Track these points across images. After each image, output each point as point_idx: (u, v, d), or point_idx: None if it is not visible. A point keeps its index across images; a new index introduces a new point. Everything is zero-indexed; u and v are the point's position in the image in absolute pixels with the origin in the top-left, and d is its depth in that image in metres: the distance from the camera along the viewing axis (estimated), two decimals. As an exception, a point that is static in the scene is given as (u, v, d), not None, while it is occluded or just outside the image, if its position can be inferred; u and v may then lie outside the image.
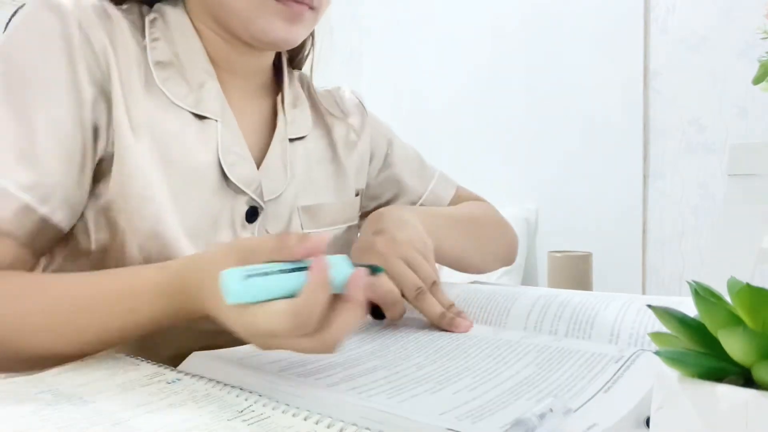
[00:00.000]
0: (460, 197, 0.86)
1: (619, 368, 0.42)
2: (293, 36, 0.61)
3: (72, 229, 0.58)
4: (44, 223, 0.53)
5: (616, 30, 1.95)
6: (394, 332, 0.55)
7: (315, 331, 0.39)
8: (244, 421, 0.35)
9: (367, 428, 0.34)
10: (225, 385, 0.42)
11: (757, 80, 1.13)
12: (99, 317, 0.49)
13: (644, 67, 1.90)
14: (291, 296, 0.39)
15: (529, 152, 2.12)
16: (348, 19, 2.69)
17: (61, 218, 0.54)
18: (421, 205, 0.81)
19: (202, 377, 0.44)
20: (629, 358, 0.44)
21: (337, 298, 0.40)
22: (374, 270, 0.47)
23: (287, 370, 0.45)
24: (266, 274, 0.39)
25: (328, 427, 0.34)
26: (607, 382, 0.41)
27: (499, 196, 2.13)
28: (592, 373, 0.42)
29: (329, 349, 0.40)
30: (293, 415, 0.36)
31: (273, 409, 0.37)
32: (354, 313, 0.40)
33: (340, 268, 0.41)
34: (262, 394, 0.40)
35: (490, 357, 0.47)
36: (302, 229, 0.68)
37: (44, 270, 0.61)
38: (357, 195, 0.77)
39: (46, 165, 0.52)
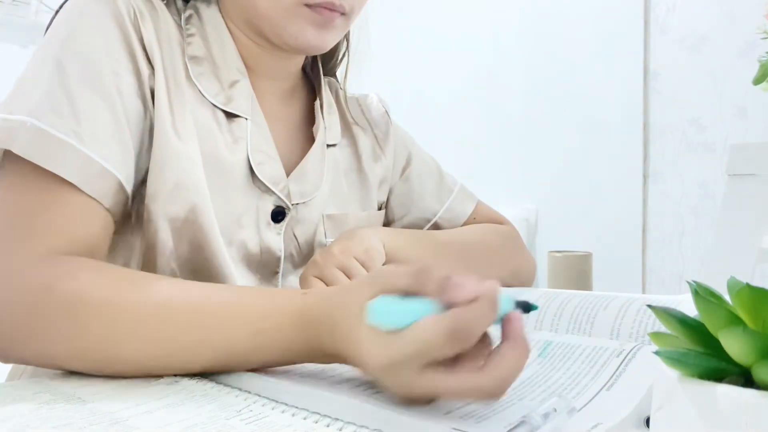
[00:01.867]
0: (480, 214, 0.83)
1: (621, 362, 0.42)
2: (323, 42, 0.61)
3: None
4: (126, 202, 0.54)
5: (616, 30, 1.94)
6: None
7: (476, 367, 0.35)
8: (242, 420, 0.35)
9: (365, 427, 0.34)
10: (224, 385, 0.42)
11: (757, 80, 1.13)
12: (216, 334, 0.43)
13: (644, 67, 1.90)
14: None
15: (528, 152, 2.12)
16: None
17: (131, 199, 0.55)
18: (436, 222, 0.80)
19: (201, 378, 0.44)
20: (630, 351, 0.44)
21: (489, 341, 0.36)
22: (528, 308, 0.41)
23: (291, 371, 0.45)
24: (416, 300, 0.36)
25: (327, 426, 0.34)
26: (610, 378, 0.41)
27: (499, 196, 2.13)
28: (594, 370, 0.42)
29: (499, 388, 0.35)
30: (292, 415, 0.36)
31: (272, 409, 0.37)
32: (523, 353, 0.36)
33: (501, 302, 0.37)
34: (264, 395, 0.40)
35: None
36: (325, 237, 0.67)
37: None
38: (380, 209, 0.77)
39: (128, 143, 0.53)
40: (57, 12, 0.57)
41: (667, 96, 1.87)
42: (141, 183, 0.56)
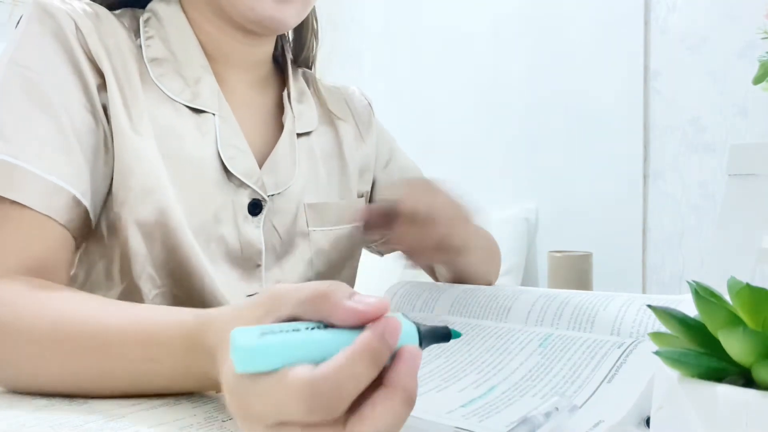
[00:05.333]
0: None
1: (622, 354, 0.42)
2: (283, 15, 0.61)
3: None
4: (86, 216, 0.54)
5: (616, 30, 1.94)
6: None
7: (338, 423, 0.27)
8: (241, 421, 0.35)
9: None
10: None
11: (757, 80, 1.13)
12: (106, 360, 0.40)
13: (644, 67, 1.90)
14: None
15: (529, 152, 2.12)
16: (348, 19, 2.68)
17: (93, 213, 0.55)
18: None
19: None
20: (631, 344, 0.43)
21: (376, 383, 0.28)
22: (451, 335, 0.34)
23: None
24: (288, 332, 0.28)
25: (326, 427, 0.34)
26: (611, 370, 0.40)
27: (499, 195, 2.13)
28: (594, 361, 0.42)
29: None
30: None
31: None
32: (395, 407, 0.28)
33: (404, 335, 0.30)
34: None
35: (494, 348, 0.47)
36: (308, 226, 0.68)
37: None
38: (361, 196, 0.76)
39: (79, 157, 0.53)
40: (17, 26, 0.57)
41: (667, 96, 1.87)
42: (108, 193, 0.56)
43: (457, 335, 0.33)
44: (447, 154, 2.27)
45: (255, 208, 0.63)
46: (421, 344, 0.31)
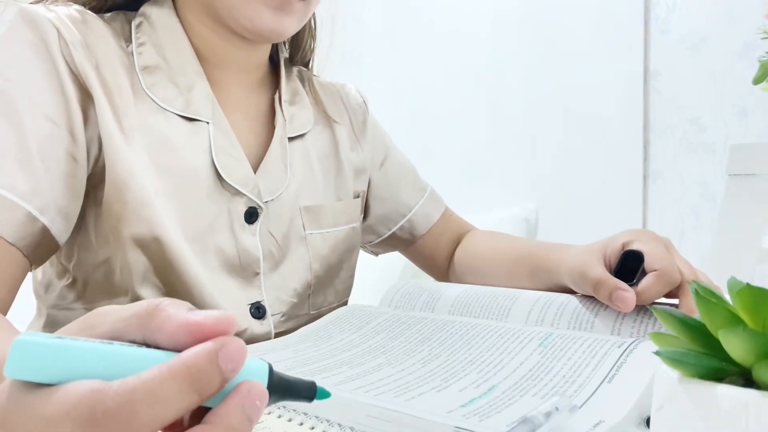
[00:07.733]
0: (451, 219, 0.85)
1: (622, 353, 0.42)
2: (281, 26, 0.60)
3: (75, 242, 0.58)
4: (44, 234, 0.52)
5: (616, 30, 1.94)
6: (396, 323, 0.55)
7: None
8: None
9: (366, 426, 0.34)
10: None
11: (757, 80, 1.14)
12: None
13: (644, 67, 1.90)
14: None
15: (528, 152, 2.12)
16: (348, 19, 2.68)
17: (57, 230, 0.53)
18: (411, 218, 0.81)
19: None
20: (632, 344, 0.44)
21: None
22: (316, 394, 0.27)
23: (292, 369, 0.45)
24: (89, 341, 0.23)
25: None
26: (611, 369, 0.40)
27: (499, 195, 2.13)
28: (595, 360, 0.42)
29: None
30: (288, 420, 0.36)
31: (268, 413, 0.37)
32: None
33: (247, 371, 0.24)
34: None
35: (494, 347, 0.47)
36: (304, 230, 0.67)
37: (57, 281, 0.61)
38: (357, 197, 0.76)
39: (41, 173, 0.52)
40: None
41: (667, 96, 1.87)
42: (94, 207, 0.56)
43: (325, 395, 0.27)
44: (447, 153, 2.27)
45: (251, 216, 0.62)
46: (272, 392, 0.25)
